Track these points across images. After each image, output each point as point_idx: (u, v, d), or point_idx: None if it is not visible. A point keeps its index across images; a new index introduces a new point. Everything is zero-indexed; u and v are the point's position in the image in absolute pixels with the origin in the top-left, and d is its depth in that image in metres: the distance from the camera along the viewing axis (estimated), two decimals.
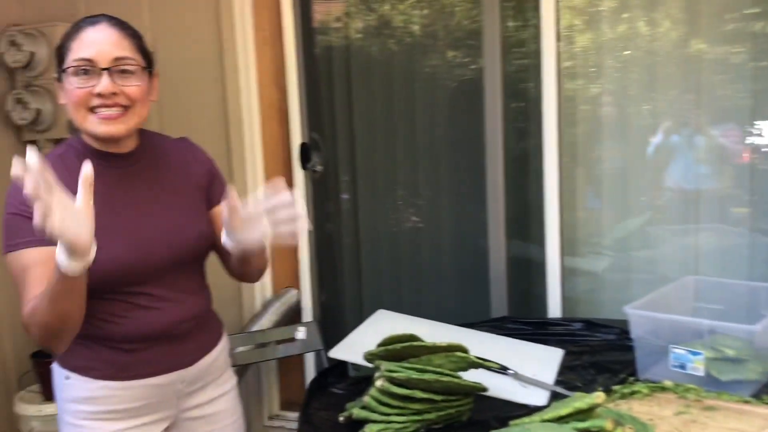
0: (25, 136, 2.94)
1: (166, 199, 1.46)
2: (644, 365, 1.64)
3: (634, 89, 2.38)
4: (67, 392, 1.45)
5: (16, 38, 2.74)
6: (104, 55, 1.33)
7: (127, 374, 1.42)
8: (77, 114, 1.35)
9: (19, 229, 1.31)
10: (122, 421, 1.44)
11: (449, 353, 1.46)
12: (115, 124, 1.35)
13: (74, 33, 1.36)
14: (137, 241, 1.38)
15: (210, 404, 1.57)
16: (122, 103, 1.35)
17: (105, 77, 1.32)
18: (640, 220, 2.45)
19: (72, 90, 1.33)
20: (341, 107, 2.73)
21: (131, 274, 1.38)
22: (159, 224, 1.42)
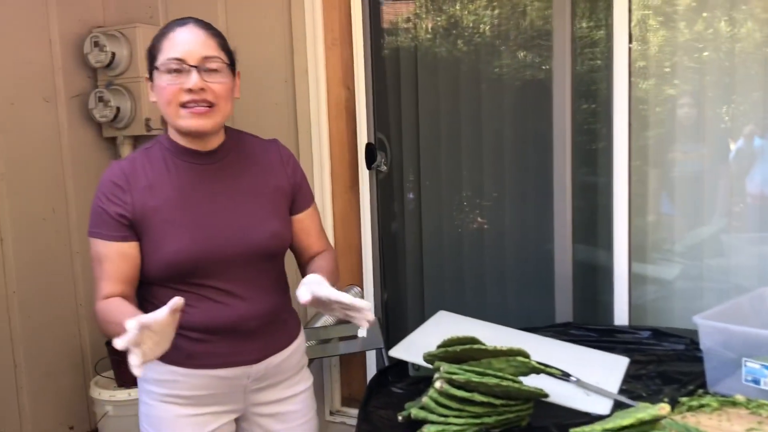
0: (106, 133, 3.08)
1: (243, 197, 1.52)
2: (714, 378, 1.58)
3: (712, 91, 2.30)
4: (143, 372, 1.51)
5: (99, 39, 2.87)
6: (193, 54, 1.41)
7: (193, 362, 1.48)
8: (169, 109, 1.44)
9: (101, 221, 1.45)
10: (189, 407, 1.50)
11: (510, 357, 1.45)
12: (203, 118, 1.43)
13: (165, 34, 1.46)
14: (206, 235, 1.45)
15: (281, 403, 1.62)
16: (209, 99, 1.43)
17: (194, 74, 1.40)
18: (714, 227, 2.36)
19: (164, 87, 1.42)
20: (408, 108, 2.75)
21: (197, 266, 1.45)
22: (231, 221, 1.48)
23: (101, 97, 2.92)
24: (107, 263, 1.44)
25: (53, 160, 2.93)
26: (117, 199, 1.44)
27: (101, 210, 1.45)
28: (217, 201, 1.49)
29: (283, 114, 2.74)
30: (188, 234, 1.44)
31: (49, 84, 2.91)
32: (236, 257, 1.48)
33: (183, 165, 1.49)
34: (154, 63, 1.44)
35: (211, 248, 1.45)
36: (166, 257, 1.42)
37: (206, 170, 1.51)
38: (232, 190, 1.52)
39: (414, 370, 1.76)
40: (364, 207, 2.72)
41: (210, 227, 1.46)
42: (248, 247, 1.49)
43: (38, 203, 2.87)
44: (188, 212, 1.46)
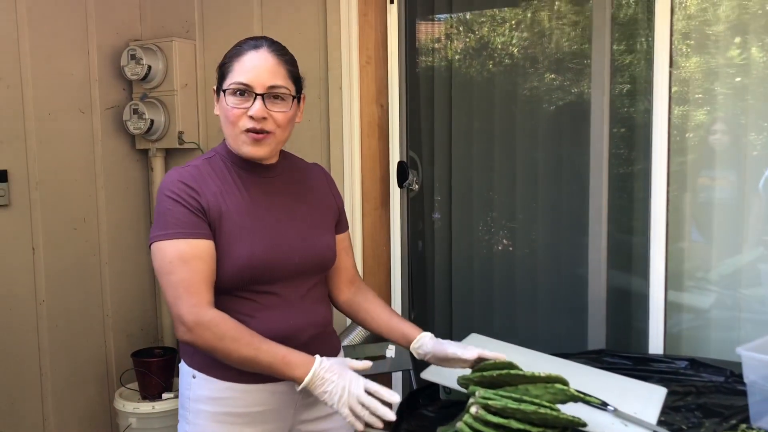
0: (139, 145, 3.11)
1: (302, 210, 1.56)
2: (758, 412, 1.53)
3: (748, 117, 2.26)
4: (192, 391, 1.52)
5: (136, 52, 2.91)
6: (260, 81, 1.44)
7: (249, 377, 1.47)
8: (231, 130, 1.47)
9: (180, 221, 1.41)
10: (240, 426, 1.49)
11: (548, 384, 1.41)
12: (260, 146, 1.47)
13: (237, 54, 1.47)
14: (273, 243, 1.48)
15: (324, 420, 1.61)
16: (269, 128, 1.46)
17: (258, 102, 1.43)
18: (751, 255, 2.31)
19: (228, 108, 1.45)
20: (440, 127, 2.74)
21: (265, 273, 1.46)
22: (294, 231, 1.52)
23: (136, 109, 2.95)
24: (197, 262, 1.38)
25: (86, 170, 2.96)
26: (192, 198, 1.42)
27: (180, 208, 1.41)
28: (280, 212, 1.52)
29: (316, 130, 2.75)
30: (258, 239, 1.46)
31: (86, 95, 2.94)
32: (298, 266, 1.51)
33: (246, 176, 1.51)
34: (223, 82, 1.48)
35: (278, 255, 1.48)
36: (240, 261, 1.43)
37: (268, 182, 1.54)
38: (292, 203, 1.56)
39: (445, 393, 1.72)
40: (395, 225, 2.71)
41: (276, 234, 1.49)
42: (309, 257, 1.53)
43: (70, 213, 2.90)
44: (257, 220, 1.48)
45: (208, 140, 3.07)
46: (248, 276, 1.45)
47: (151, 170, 3.13)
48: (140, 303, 3.19)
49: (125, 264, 3.11)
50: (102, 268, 3.02)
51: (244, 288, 1.46)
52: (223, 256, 1.43)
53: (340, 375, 1.33)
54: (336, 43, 2.66)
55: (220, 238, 1.44)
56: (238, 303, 1.46)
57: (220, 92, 1.48)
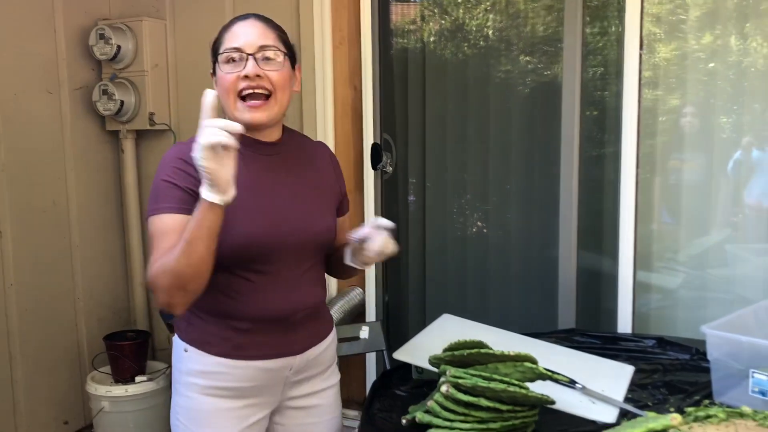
0: (109, 126, 3.06)
1: (304, 190, 1.56)
2: (721, 388, 1.57)
3: (718, 102, 2.29)
4: (184, 364, 1.53)
5: (105, 32, 2.86)
6: (250, 43, 1.45)
7: (241, 353, 1.48)
8: (228, 100, 1.46)
9: (168, 195, 1.41)
10: (230, 399, 1.51)
11: (517, 363, 1.43)
12: (259, 111, 1.46)
13: (226, 28, 1.49)
14: (272, 221, 1.47)
15: (314, 396, 1.63)
16: (266, 87, 1.45)
17: (251, 61, 1.43)
18: (718, 236, 2.36)
19: (223, 76, 1.45)
20: (414, 109, 2.73)
21: (261, 251, 1.46)
22: (294, 210, 1.51)
23: (105, 90, 2.90)
24: (173, 235, 1.35)
25: (55, 152, 2.91)
26: (187, 175, 1.41)
27: (169, 184, 1.41)
28: (281, 190, 1.51)
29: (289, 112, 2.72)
30: (257, 218, 1.45)
31: (53, 75, 2.89)
32: (297, 246, 1.51)
33: (247, 153, 1.47)
34: (216, 55, 1.48)
35: (277, 234, 1.47)
36: (236, 240, 1.41)
37: (270, 160, 1.53)
38: (295, 181, 1.55)
39: (417, 373, 1.74)
40: (369, 207, 2.71)
41: (276, 214, 1.48)
42: (309, 236, 1.52)
43: (39, 195, 2.85)
44: (256, 198, 1.47)
45: (180, 121, 3.03)
46: (245, 255, 1.45)
47: (122, 152, 3.09)
48: (112, 286, 3.16)
49: (96, 247, 3.07)
50: (73, 251, 2.98)
51: (241, 266, 1.46)
52: (221, 233, 1.39)
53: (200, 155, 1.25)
54: (308, 23, 2.64)
55: None
56: (234, 281, 1.46)
57: (215, 67, 1.48)
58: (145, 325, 3.18)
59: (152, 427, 2.84)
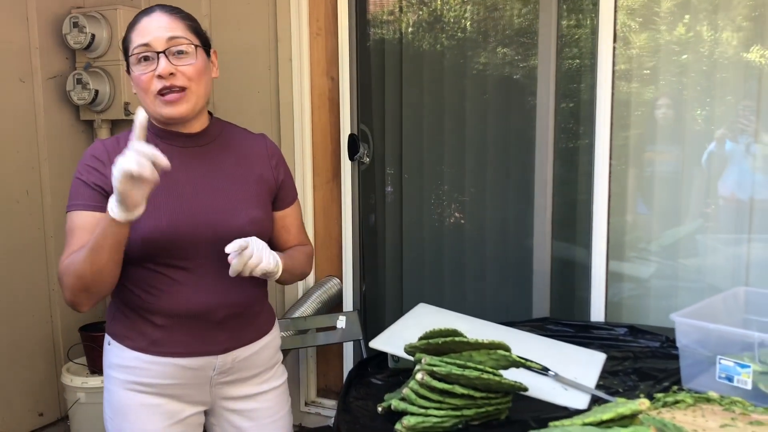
0: (83, 115, 3.03)
1: (224, 183, 1.50)
2: (689, 375, 1.61)
3: (691, 94, 2.33)
4: (107, 357, 1.52)
5: (79, 20, 2.82)
6: (158, 39, 1.41)
7: (158, 349, 1.46)
8: (146, 99, 1.43)
9: (78, 193, 1.43)
10: (153, 396, 1.48)
11: (491, 351, 1.46)
12: (176, 105, 1.43)
13: (133, 25, 1.46)
14: (184, 216, 1.43)
15: (250, 399, 1.59)
16: (180, 84, 1.42)
17: (162, 59, 1.40)
18: (690, 227, 2.40)
19: (137, 77, 1.43)
20: (391, 100, 2.74)
21: (173, 246, 1.42)
22: (211, 204, 1.46)
23: (79, 79, 2.87)
24: (80, 232, 1.38)
25: (28, 141, 2.87)
26: (96, 172, 1.42)
27: (79, 182, 1.43)
28: (197, 183, 1.47)
29: (266, 102, 2.72)
30: (166, 213, 1.42)
31: (26, 64, 2.85)
32: (213, 240, 1.44)
33: (165, 147, 1.42)
34: (127, 54, 1.45)
35: (188, 229, 1.43)
36: (142, 234, 1.39)
37: (189, 153, 1.49)
38: (214, 174, 1.50)
39: (393, 361, 1.76)
40: (346, 198, 2.72)
41: (189, 208, 1.44)
42: (226, 231, 1.45)
43: (12, 185, 2.82)
44: (167, 192, 1.42)
45: None
46: (153, 250, 1.41)
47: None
48: None
49: None
50: (47, 242, 2.95)
51: (154, 260, 1.43)
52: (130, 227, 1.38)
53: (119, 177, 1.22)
54: (285, 13, 2.63)
55: None
56: (151, 275, 1.44)
57: (128, 66, 1.46)
58: None
59: None
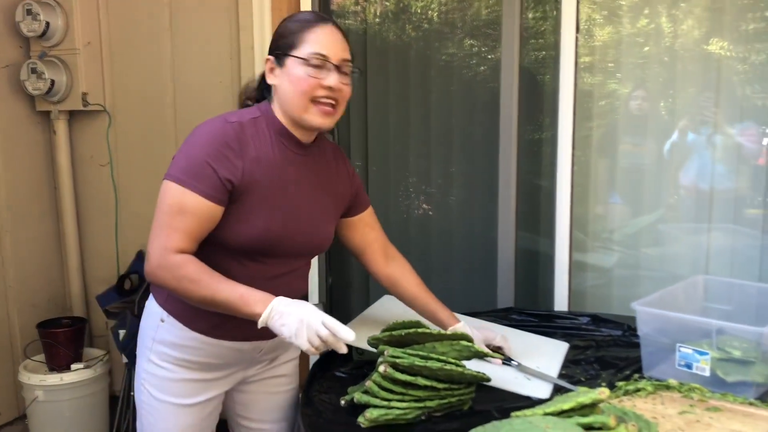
0: (39, 106, 2.95)
1: (319, 195, 1.58)
2: (650, 363, 1.63)
3: (653, 86, 2.35)
4: (158, 333, 1.55)
5: (33, 7, 2.74)
6: (336, 54, 1.46)
7: (218, 333, 1.51)
8: (299, 101, 1.45)
9: (202, 175, 1.39)
10: (198, 371, 1.56)
11: (454, 342, 1.46)
12: (328, 117, 1.48)
13: (307, 25, 1.47)
14: (289, 220, 1.49)
15: (274, 368, 1.70)
16: (338, 99, 1.48)
17: (335, 73, 1.45)
18: (652, 217, 2.43)
19: (302, 78, 1.44)
20: (356, 92, 2.69)
21: (270, 247, 1.49)
22: (309, 214, 1.54)
23: (34, 68, 2.79)
24: (192, 218, 1.40)
25: None
26: (228, 162, 1.40)
27: (207, 165, 1.39)
28: (302, 191, 1.53)
29: (227, 92, 2.68)
30: (277, 215, 1.47)
31: None
32: (299, 249, 1.55)
33: (284, 148, 1.50)
34: (291, 51, 1.45)
35: (291, 235, 1.50)
36: (255, 232, 1.44)
37: (302, 160, 1.54)
38: (314, 185, 1.56)
39: (358, 354, 1.75)
40: None
41: (293, 216, 1.50)
42: (312, 241, 1.57)
43: None
44: (281, 194, 1.48)
45: (116, 102, 2.94)
46: (255, 247, 1.47)
47: (54, 133, 2.98)
48: (46, 272, 3.06)
49: (29, 232, 2.96)
50: (2, 237, 2.87)
51: (244, 254, 1.48)
52: (239, 221, 1.44)
53: (298, 307, 1.33)
54: (247, 2, 2.58)
55: (242, 203, 1.44)
56: (231, 265, 1.47)
57: (285, 60, 1.46)
58: (82, 311, 3.09)
59: (89, 415, 2.78)
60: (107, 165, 2.98)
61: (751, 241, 2.25)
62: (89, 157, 3.03)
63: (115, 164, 2.96)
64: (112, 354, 2.95)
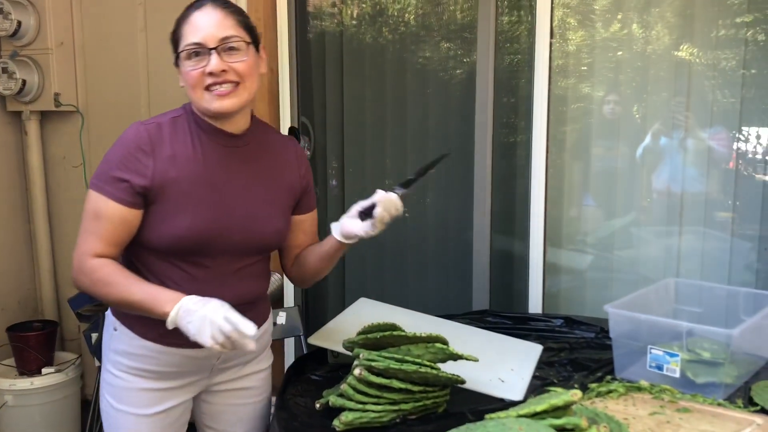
0: (10, 106, 2.90)
1: (259, 189, 1.52)
2: (622, 364, 1.65)
3: (625, 90, 2.39)
4: (112, 342, 1.53)
5: (3, 6, 2.70)
6: (211, 36, 1.40)
7: (168, 340, 1.46)
8: (194, 94, 1.43)
9: (113, 180, 1.39)
10: (155, 381, 1.52)
11: (429, 344, 1.46)
12: (228, 99, 1.42)
13: (184, 18, 1.44)
14: (218, 217, 1.44)
15: (241, 379, 1.64)
16: (232, 79, 1.42)
17: (214, 56, 1.39)
18: (624, 220, 2.46)
19: (187, 72, 1.42)
20: (332, 93, 2.72)
21: (201, 246, 1.44)
22: (244, 208, 1.48)
23: (5, 68, 2.75)
24: (106, 223, 1.39)
25: None
26: (139, 163, 1.39)
27: (118, 169, 1.39)
28: (233, 186, 1.48)
29: None
30: (202, 212, 1.43)
31: None
32: (238, 245, 1.49)
33: (208, 142, 1.46)
34: (177, 49, 1.44)
35: (220, 231, 1.45)
36: (177, 231, 1.41)
37: (230, 152, 1.49)
38: (250, 178, 1.51)
39: (333, 357, 1.75)
40: None
41: (223, 210, 1.45)
42: (253, 238, 1.50)
43: None
44: (207, 191, 1.44)
45: (89, 103, 2.91)
46: (183, 247, 1.43)
47: (26, 134, 2.94)
48: (16, 275, 3.01)
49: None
50: None
51: (178, 256, 1.45)
52: (163, 222, 1.41)
53: (204, 305, 1.30)
54: None
55: (163, 204, 1.41)
56: (170, 269, 1.45)
57: (177, 60, 1.44)
58: (54, 314, 3.05)
59: (61, 419, 2.74)
60: (80, 166, 2.94)
61: (721, 243, 2.29)
62: (61, 158, 2.99)
63: (88, 166, 2.92)
64: (84, 358, 2.91)
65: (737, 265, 2.27)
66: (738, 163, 2.26)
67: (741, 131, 2.24)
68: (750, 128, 2.24)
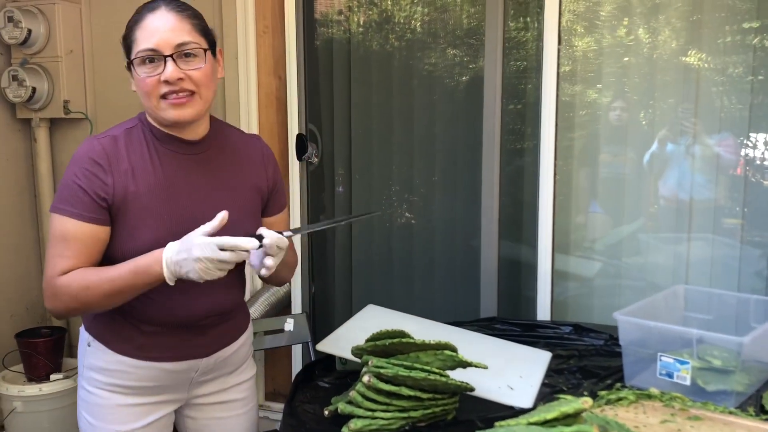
0: (20, 114, 2.92)
1: (222, 193, 1.47)
2: (631, 372, 1.64)
3: (632, 96, 2.38)
4: (86, 358, 1.50)
5: (14, 15, 2.72)
6: (166, 42, 1.35)
7: (143, 354, 1.45)
8: (149, 102, 1.38)
9: (75, 199, 1.35)
10: (132, 396, 1.48)
11: (438, 351, 1.46)
12: (184, 108, 1.38)
13: (137, 22, 1.38)
14: (183, 228, 1.36)
15: (225, 392, 1.61)
16: (188, 88, 1.37)
17: (169, 64, 1.34)
18: (632, 226, 2.45)
19: (141, 79, 1.37)
20: (339, 100, 2.72)
21: None
22: (208, 216, 1.38)
23: (15, 75, 2.77)
24: (75, 243, 1.35)
25: None
26: (97, 179, 1.36)
27: (77, 187, 1.35)
28: (196, 194, 1.44)
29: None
30: (166, 225, 1.39)
31: None
32: None
33: (165, 152, 1.42)
34: (130, 54, 1.39)
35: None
36: (143, 245, 1.36)
37: (189, 160, 1.45)
38: (212, 184, 1.47)
39: (341, 364, 1.74)
40: (294, 199, 2.68)
41: (187, 221, 1.39)
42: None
43: None
44: (167, 203, 1.40)
45: (97, 110, 2.92)
46: None
47: (35, 141, 2.95)
48: (25, 281, 3.02)
49: (8, 240, 2.93)
50: None
51: None
52: (127, 236, 1.38)
53: (188, 249, 1.28)
54: (231, 10, 2.58)
55: (125, 220, 1.38)
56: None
57: (130, 65, 1.39)
58: (62, 321, 3.06)
59: (70, 425, 2.73)
60: None
61: (730, 250, 2.28)
62: None
63: None
64: None
65: (747, 272, 2.26)
66: (746, 169, 2.26)
67: (749, 138, 2.23)
68: (758, 135, 2.23)
